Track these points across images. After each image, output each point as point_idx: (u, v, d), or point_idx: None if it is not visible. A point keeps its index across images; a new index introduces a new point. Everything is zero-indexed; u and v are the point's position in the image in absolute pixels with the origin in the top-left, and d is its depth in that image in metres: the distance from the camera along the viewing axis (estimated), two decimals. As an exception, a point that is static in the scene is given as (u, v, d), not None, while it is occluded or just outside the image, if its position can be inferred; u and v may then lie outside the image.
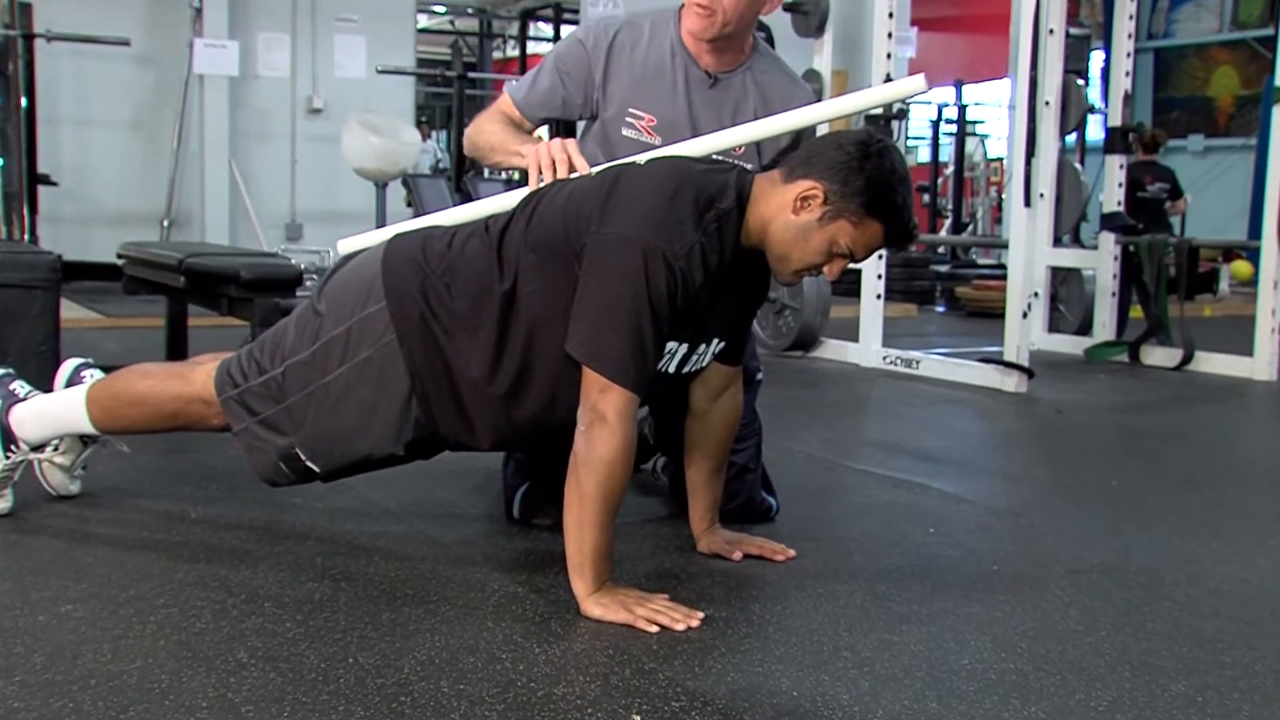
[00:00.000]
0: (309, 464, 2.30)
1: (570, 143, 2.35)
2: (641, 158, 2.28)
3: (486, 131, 2.58)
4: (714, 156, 2.38)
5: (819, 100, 2.62)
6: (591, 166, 2.35)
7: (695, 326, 2.15)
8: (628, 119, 2.58)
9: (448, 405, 2.20)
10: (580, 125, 2.75)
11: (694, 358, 2.21)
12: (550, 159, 2.32)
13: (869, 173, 2.06)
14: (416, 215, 7.96)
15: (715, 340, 2.24)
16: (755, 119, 2.51)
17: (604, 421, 1.99)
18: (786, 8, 6.15)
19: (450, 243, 2.24)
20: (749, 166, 2.47)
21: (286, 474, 2.33)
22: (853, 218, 2.08)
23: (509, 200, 2.38)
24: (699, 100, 2.57)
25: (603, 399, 2.00)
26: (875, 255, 5.87)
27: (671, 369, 2.17)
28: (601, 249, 2.04)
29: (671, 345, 2.13)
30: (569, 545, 2.06)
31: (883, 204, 2.08)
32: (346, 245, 2.58)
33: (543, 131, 2.69)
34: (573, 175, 2.30)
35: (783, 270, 2.16)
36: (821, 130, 2.48)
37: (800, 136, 2.53)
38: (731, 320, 2.27)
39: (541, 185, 2.29)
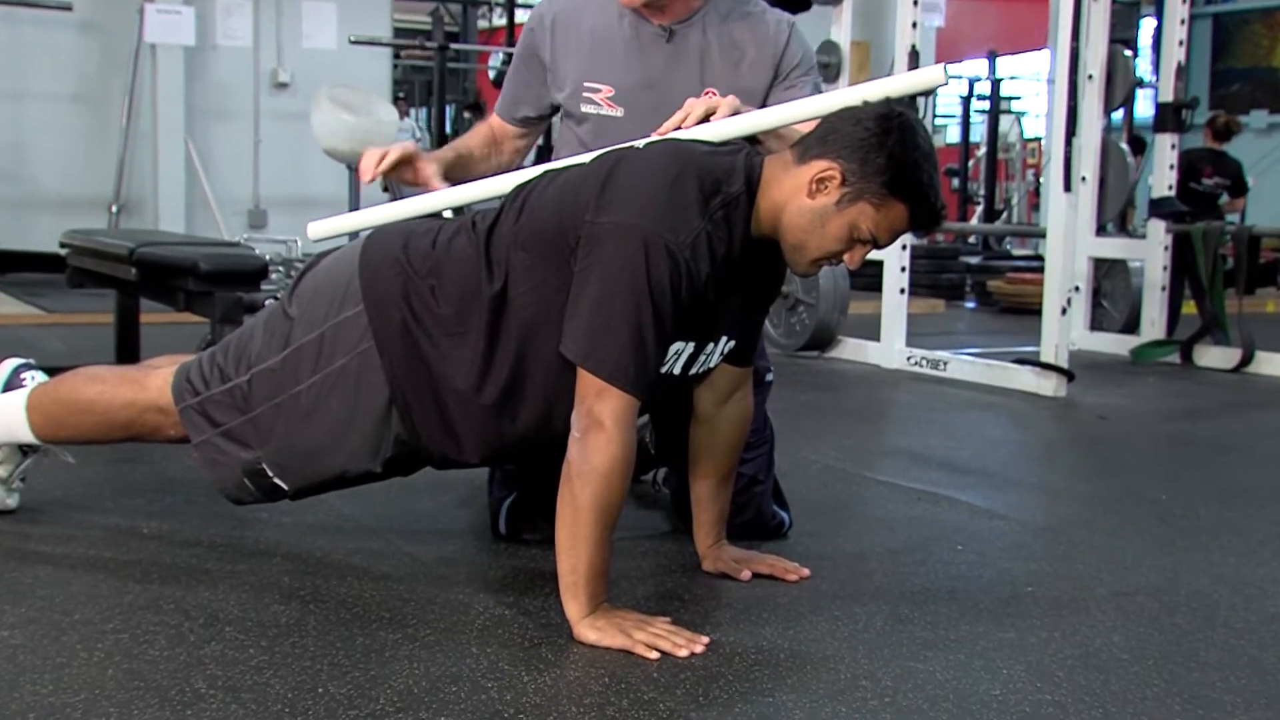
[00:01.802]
0: (276, 480, 2.31)
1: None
2: (640, 140, 2.29)
3: (464, 147, 2.75)
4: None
5: (794, 31, 2.65)
6: (568, 155, 2.38)
7: (703, 324, 2.16)
8: (585, 94, 2.63)
9: (432, 418, 2.21)
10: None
11: (701, 358, 2.22)
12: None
13: (890, 149, 2.07)
14: (393, 199, 8.04)
15: (724, 339, 2.25)
16: (725, 67, 2.57)
17: (600, 428, 2.00)
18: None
19: (435, 241, 2.25)
20: None
21: (251, 491, 2.34)
22: (874, 199, 2.09)
23: (498, 185, 2.39)
24: (657, 58, 2.61)
25: (599, 403, 2.01)
26: (899, 241, 5.90)
27: (676, 371, 2.18)
28: (598, 240, 2.05)
29: (678, 345, 2.14)
30: (561, 564, 2.06)
31: (907, 183, 2.09)
32: (317, 230, 2.59)
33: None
34: (565, 164, 2.32)
35: (799, 260, 2.17)
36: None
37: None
38: (742, 317, 2.28)
39: (529, 179, 2.30)
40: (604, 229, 2.05)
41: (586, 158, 2.31)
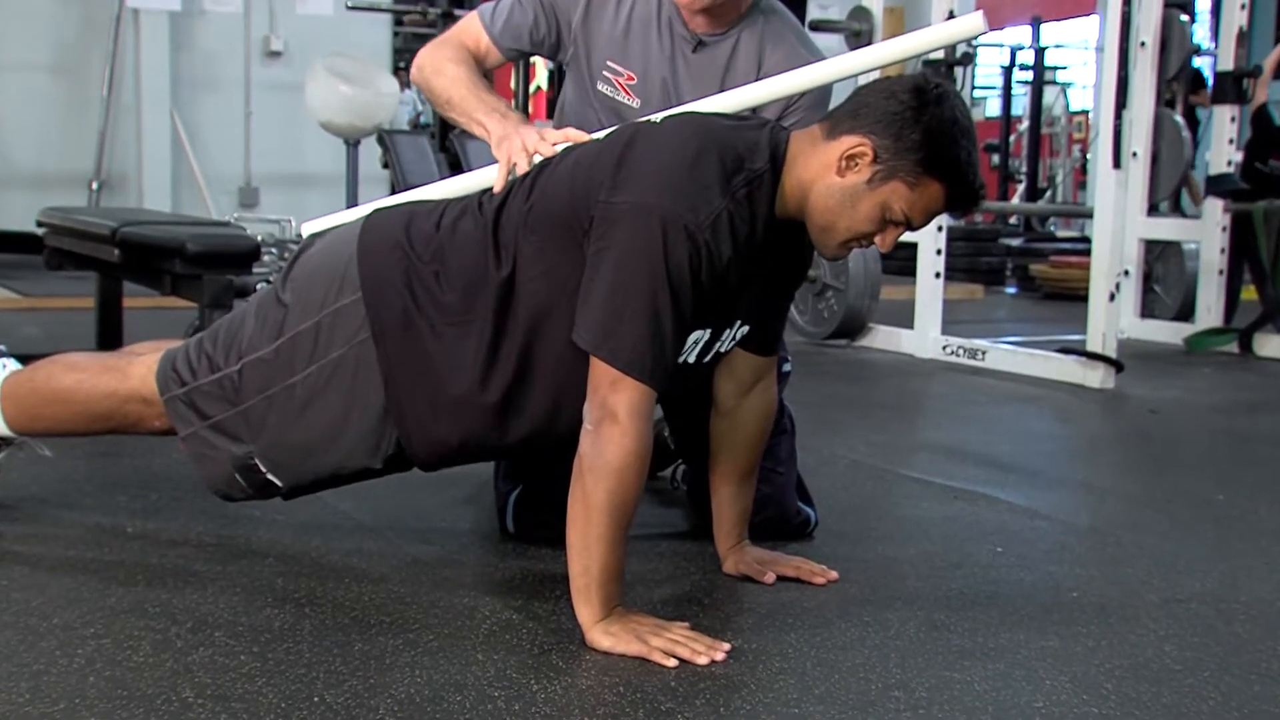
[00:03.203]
0: (269, 476, 2.32)
1: (558, 133, 2.36)
2: (657, 115, 2.29)
3: (447, 76, 2.59)
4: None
5: (816, 49, 2.66)
6: (578, 102, 2.39)
7: (721, 309, 2.16)
8: (605, 73, 2.63)
9: (426, 416, 2.21)
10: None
11: (716, 345, 2.22)
12: (527, 155, 2.32)
13: (926, 124, 2.07)
14: (394, 177, 8.06)
15: (739, 324, 2.25)
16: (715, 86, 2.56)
17: (614, 420, 2.01)
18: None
19: (439, 223, 2.25)
20: None
21: (243, 487, 2.35)
22: (908, 177, 2.08)
23: (479, 179, 2.39)
24: (680, 64, 2.62)
25: (613, 394, 2.01)
26: (935, 222, 5.89)
27: (692, 360, 2.18)
28: (613, 220, 2.05)
29: (696, 334, 2.14)
30: (573, 565, 2.07)
31: (943, 160, 2.09)
32: (312, 228, 2.61)
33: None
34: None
35: (827, 243, 2.17)
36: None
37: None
38: (763, 302, 2.28)
39: (512, 179, 2.30)
40: (619, 209, 2.05)
41: (600, 133, 2.32)
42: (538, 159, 2.30)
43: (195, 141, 9.35)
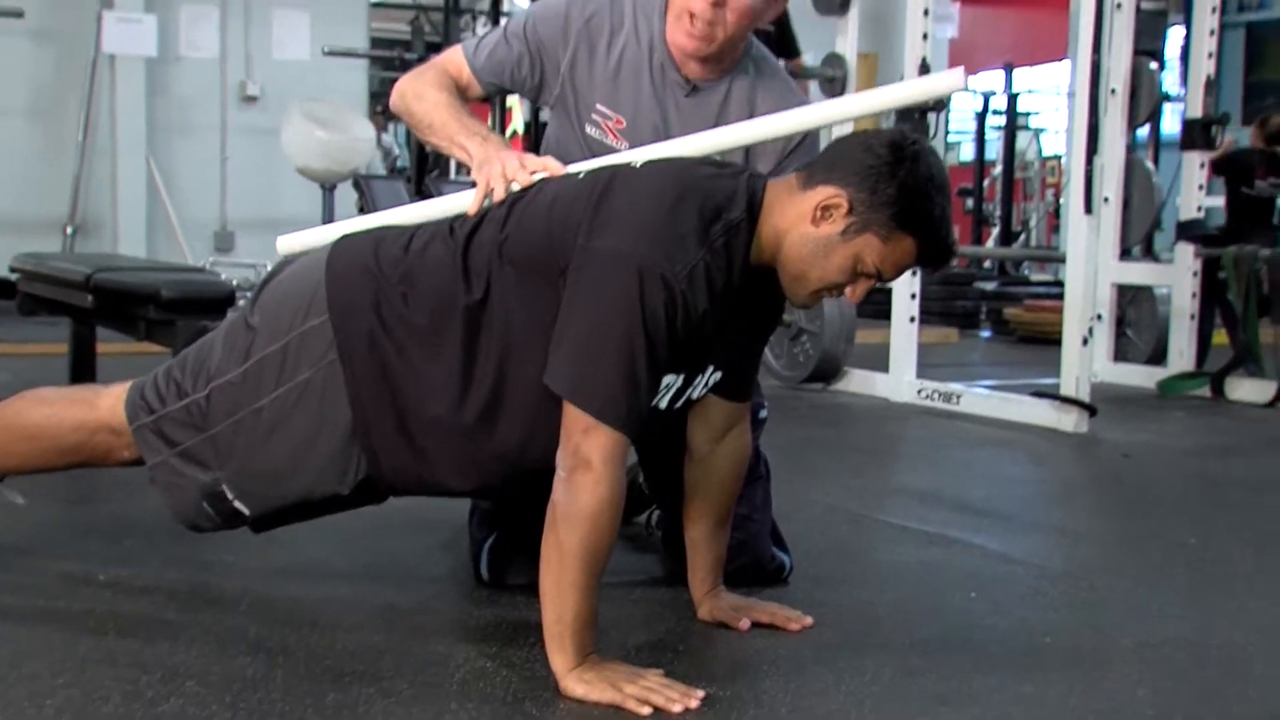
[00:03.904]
0: (236, 504, 2.31)
1: (538, 161, 2.36)
2: (637, 158, 2.30)
3: (429, 100, 2.57)
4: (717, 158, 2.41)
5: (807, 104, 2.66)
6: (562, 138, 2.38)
7: (695, 355, 2.17)
8: (594, 116, 2.63)
9: (394, 440, 2.21)
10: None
11: (689, 390, 2.23)
12: (505, 182, 2.32)
13: (902, 179, 2.09)
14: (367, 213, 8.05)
15: (711, 370, 2.26)
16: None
17: (588, 467, 2.01)
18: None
19: (408, 246, 2.26)
20: None
21: (211, 516, 2.34)
22: (881, 231, 2.10)
23: (456, 203, 2.39)
24: (673, 109, 2.62)
25: (586, 440, 2.01)
26: (910, 273, 5.92)
27: (663, 405, 2.19)
28: (590, 266, 2.06)
29: (668, 379, 2.15)
30: (546, 612, 2.06)
31: (917, 216, 2.11)
32: (286, 244, 2.60)
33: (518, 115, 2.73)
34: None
35: (798, 291, 2.18)
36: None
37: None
38: (738, 349, 2.29)
39: (487, 205, 2.31)
40: (596, 254, 2.05)
41: (580, 165, 2.33)
42: (515, 187, 2.30)
43: (171, 186, 9.35)
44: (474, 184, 2.37)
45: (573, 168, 2.33)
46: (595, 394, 2.02)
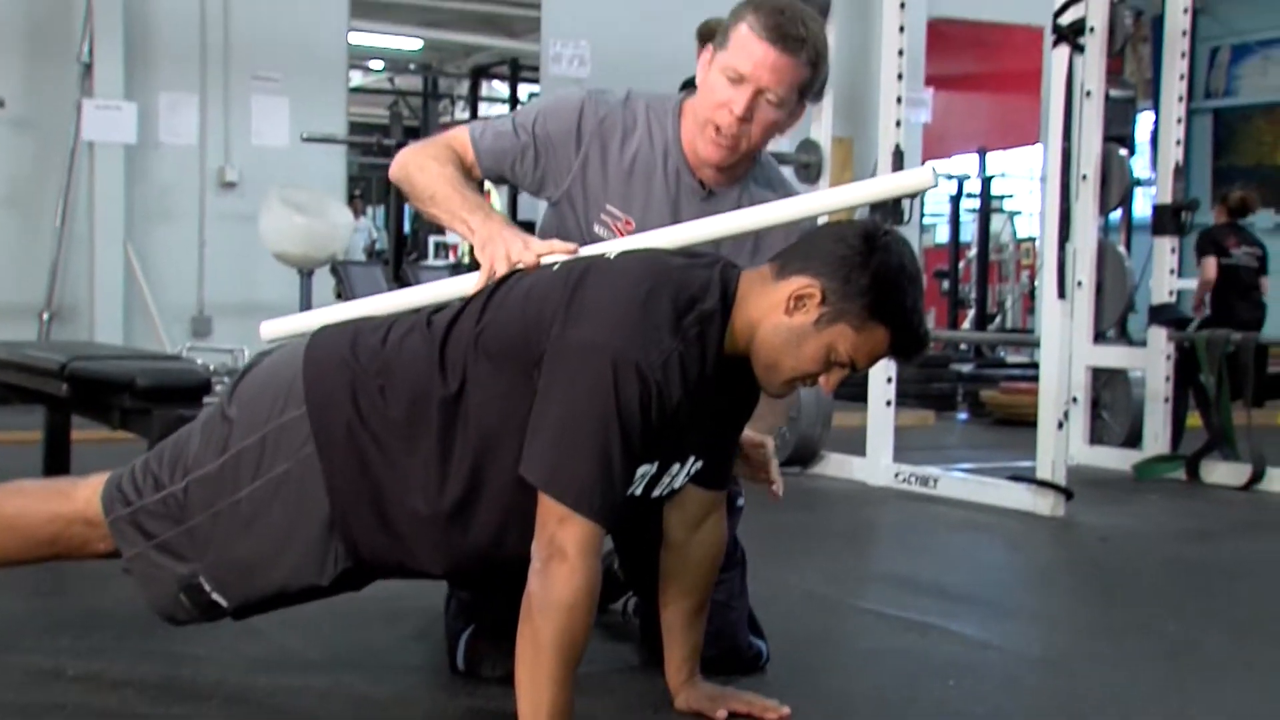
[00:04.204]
0: (215, 596, 2.30)
1: (543, 244, 2.36)
2: (611, 249, 2.32)
3: (431, 173, 2.55)
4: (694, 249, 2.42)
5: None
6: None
7: (670, 445, 2.17)
8: (604, 216, 2.62)
9: (373, 529, 2.21)
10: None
11: (665, 479, 2.23)
12: (509, 263, 2.32)
13: (874, 269, 2.11)
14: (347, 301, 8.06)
15: (691, 459, 2.26)
16: (747, 248, 2.57)
17: (563, 557, 2.01)
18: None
19: (385, 338, 2.26)
20: None
21: (188, 608, 2.32)
22: (854, 321, 2.12)
23: (457, 287, 2.41)
24: (687, 213, 2.60)
25: (561, 531, 2.01)
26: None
27: (638, 493, 2.19)
28: (564, 357, 2.06)
29: (643, 468, 2.15)
30: (522, 704, 2.05)
31: (889, 306, 2.12)
32: (270, 330, 2.61)
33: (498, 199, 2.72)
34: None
35: (772, 380, 2.20)
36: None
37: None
38: (713, 438, 2.29)
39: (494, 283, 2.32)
40: (571, 345, 2.06)
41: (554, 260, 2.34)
42: (519, 270, 2.31)
43: (148, 272, 9.34)
44: (452, 269, 2.37)
45: (582, 251, 2.34)
46: (570, 484, 2.02)
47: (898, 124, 5.89)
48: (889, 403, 5.95)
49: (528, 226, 2.58)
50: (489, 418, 2.15)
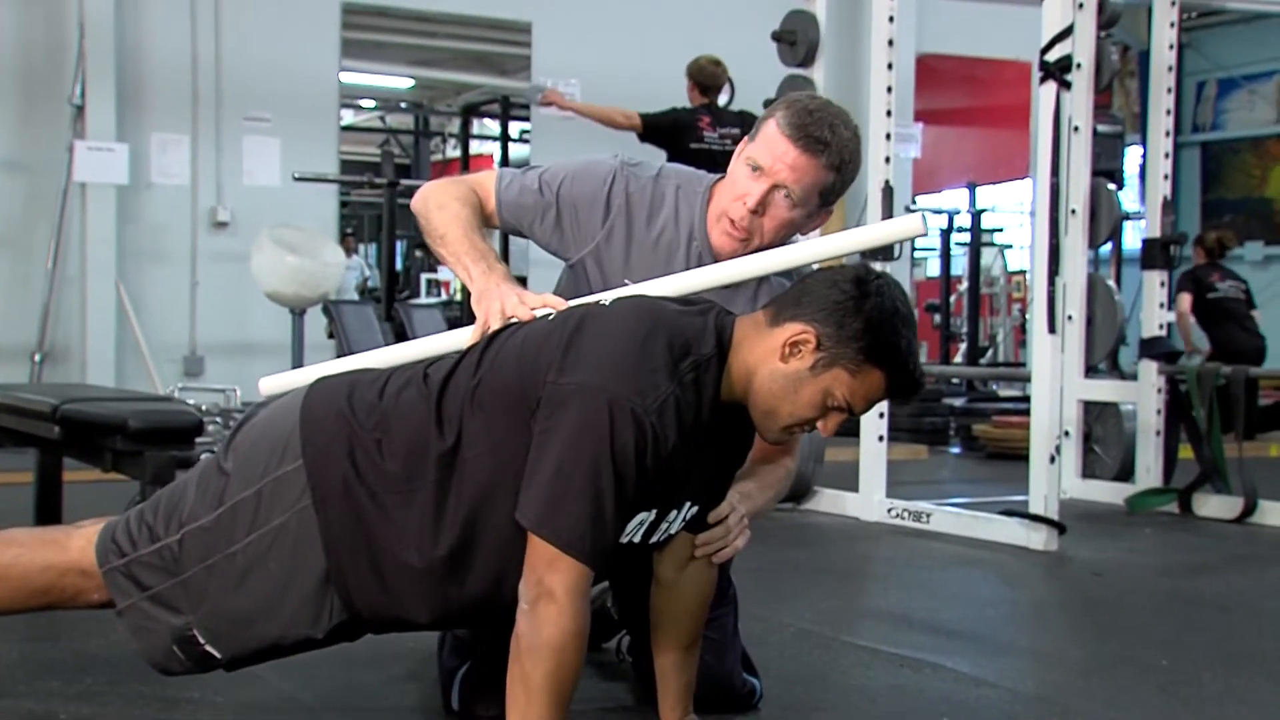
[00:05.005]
0: (208, 648, 2.29)
1: (537, 298, 2.36)
2: (606, 297, 2.33)
3: (449, 213, 2.56)
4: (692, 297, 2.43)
5: None
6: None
7: (667, 491, 2.18)
8: (620, 289, 2.61)
9: (368, 583, 2.20)
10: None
11: (664, 526, 2.24)
12: (504, 318, 2.33)
13: (868, 313, 2.12)
14: (339, 346, 8.06)
15: (688, 505, 2.27)
16: (748, 289, 2.59)
17: (551, 598, 2.01)
18: (767, 106, 6.31)
19: (382, 392, 2.27)
20: None
21: (181, 660, 2.32)
22: (850, 365, 2.13)
23: (452, 340, 2.42)
24: (705, 293, 2.62)
25: (551, 573, 2.01)
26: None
27: (637, 540, 2.20)
28: (560, 401, 2.07)
29: (641, 515, 2.16)
30: (514, 746, 2.05)
31: (884, 349, 2.14)
32: (269, 385, 2.61)
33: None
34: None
35: (769, 427, 2.21)
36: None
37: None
38: (708, 483, 2.30)
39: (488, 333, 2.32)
40: (567, 390, 2.07)
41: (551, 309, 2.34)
42: (514, 322, 2.32)
43: (141, 312, 9.34)
44: (443, 306, 2.38)
45: (572, 302, 2.34)
46: (561, 527, 2.02)
47: (887, 160, 5.91)
48: (881, 437, 5.95)
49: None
50: (485, 469, 2.15)
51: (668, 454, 2.08)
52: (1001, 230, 14.25)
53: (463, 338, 2.40)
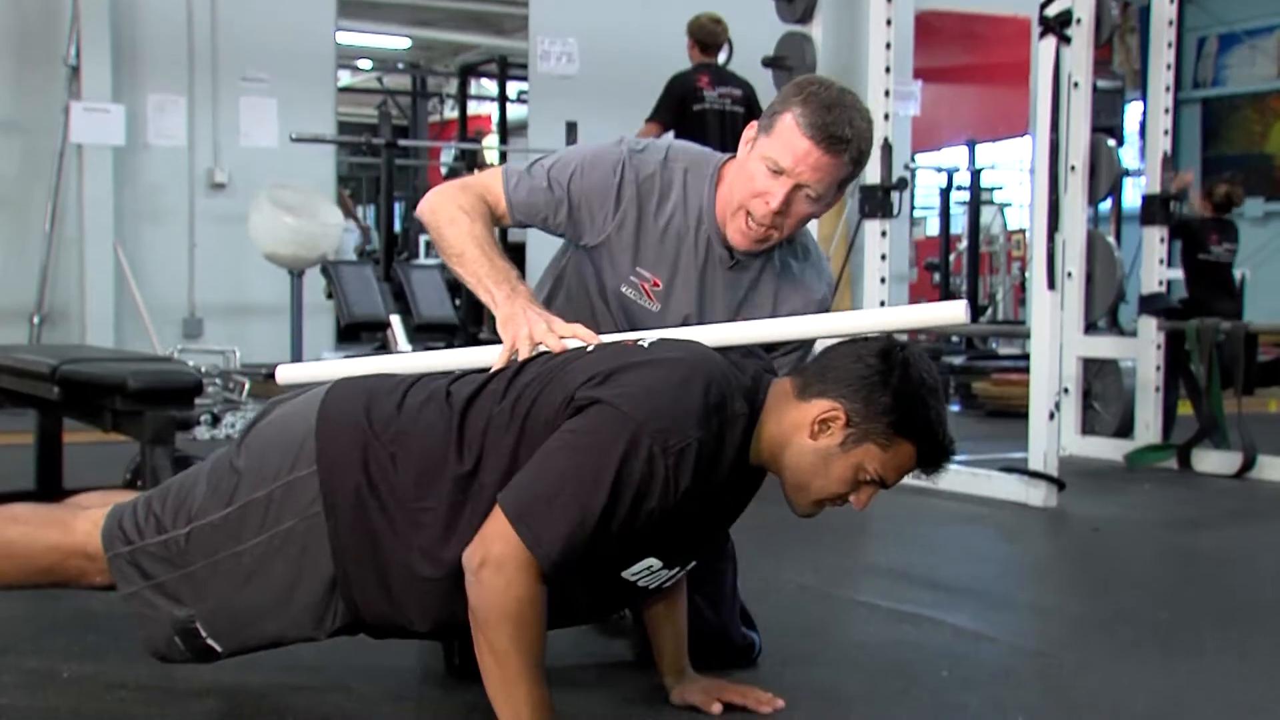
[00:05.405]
0: (210, 642, 2.29)
1: (567, 327, 2.34)
2: (645, 338, 2.30)
3: (461, 229, 2.51)
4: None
5: (824, 303, 2.69)
6: (574, 301, 2.49)
7: (675, 541, 2.20)
8: (632, 277, 2.61)
9: (373, 592, 2.20)
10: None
11: (664, 572, 2.27)
12: (531, 344, 2.31)
13: (895, 387, 2.12)
14: (338, 307, 8.06)
15: (692, 564, 2.32)
16: (766, 313, 2.59)
17: (499, 570, 2.00)
18: (766, 63, 6.30)
19: (401, 404, 2.25)
20: None
21: (181, 650, 2.31)
22: (881, 439, 2.13)
23: (479, 356, 2.39)
24: (712, 278, 2.61)
25: (506, 553, 2.00)
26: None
27: (640, 583, 2.24)
28: (586, 412, 2.07)
29: (651, 561, 2.19)
30: (501, 715, 2.05)
31: (914, 421, 2.14)
32: (287, 375, 2.60)
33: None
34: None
35: (801, 501, 2.22)
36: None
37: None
38: (710, 536, 2.36)
39: (514, 360, 2.31)
40: (596, 404, 2.07)
41: (606, 338, 2.33)
42: (541, 349, 2.30)
43: (139, 274, 9.33)
44: (440, 270, 2.36)
45: (602, 340, 2.33)
46: (538, 529, 2.01)
47: (886, 117, 5.88)
48: (881, 395, 5.94)
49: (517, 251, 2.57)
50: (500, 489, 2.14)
51: (673, 501, 2.06)
52: (1001, 188, 14.23)
53: (488, 357, 2.37)
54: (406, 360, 2.49)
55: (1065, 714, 2.53)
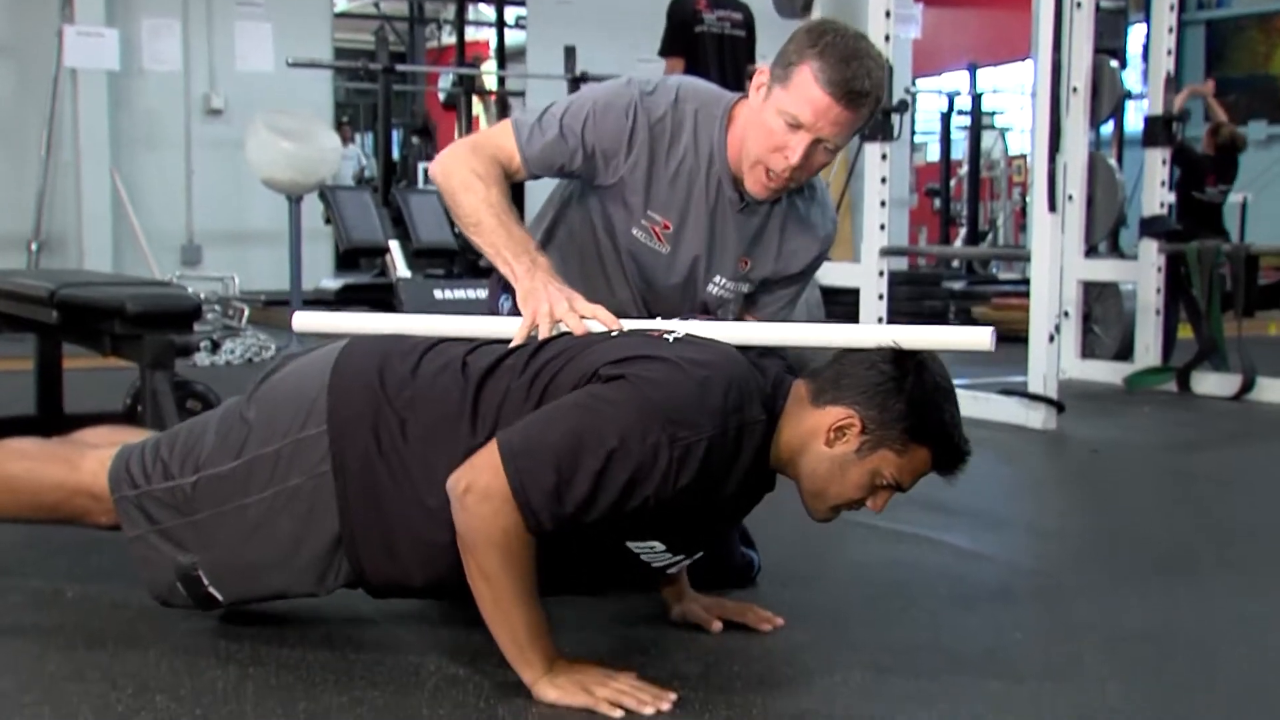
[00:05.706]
0: (211, 590, 2.30)
1: (588, 306, 2.32)
2: (672, 328, 2.28)
3: (478, 196, 2.47)
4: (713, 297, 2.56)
5: (828, 240, 2.70)
6: (576, 238, 2.47)
7: (685, 533, 2.21)
8: (643, 221, 2.58)
9: (378, 552, 2.20)
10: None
11: (669, 556, 2.26)
12: (552, 322, 2.29)
13: (909, 393, 2.11)
14: (337, 233, 8.04)
15: (698, 556, 2.32)
16: (772, 253, 2.61)
17: (486, 497, 1.99)
18: (766, -14, 6.25)
19: (415, 370, 2.24)
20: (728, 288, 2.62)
21: (183, 595, 2.32)
22: (896, 445, 2.12)
23: (498, 326, 2.36)
24: (721, 220, 2.59)
25: (493, 483, 1.99)
26: (877, 267, 5.94)
27: (657, 564, 2.25)
28: (609, 384, 2.06)
29: (656, 544, 2.19)
30: (499, 636, 2.07)
31: (929, 427, 2.13)
32: (302, 323, 2.59)
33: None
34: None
35: (817, 507, 2.21)
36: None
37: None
38: (717, 533, 2.37)
39: (533, 335, 2.29)
40: (620, 379, 2.06)
41: (627, 324, 2.31)
42: (561, 328, 2.28)
43: (136, 200, 9.30)
44: (439, 198, 2.33)
45: (624, 324, 2.31)
46: (527, 475, 1.99)
47: (887, 39, 5.84)
48: (881, 319, 5.96)
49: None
50: None
51: (672, 495, 2.04)
52: (1002, 113, 14.16)
53: (508, 328, 2.34)
54: (423, 322, 2.45)
55: (1062, 633, 2.54)
